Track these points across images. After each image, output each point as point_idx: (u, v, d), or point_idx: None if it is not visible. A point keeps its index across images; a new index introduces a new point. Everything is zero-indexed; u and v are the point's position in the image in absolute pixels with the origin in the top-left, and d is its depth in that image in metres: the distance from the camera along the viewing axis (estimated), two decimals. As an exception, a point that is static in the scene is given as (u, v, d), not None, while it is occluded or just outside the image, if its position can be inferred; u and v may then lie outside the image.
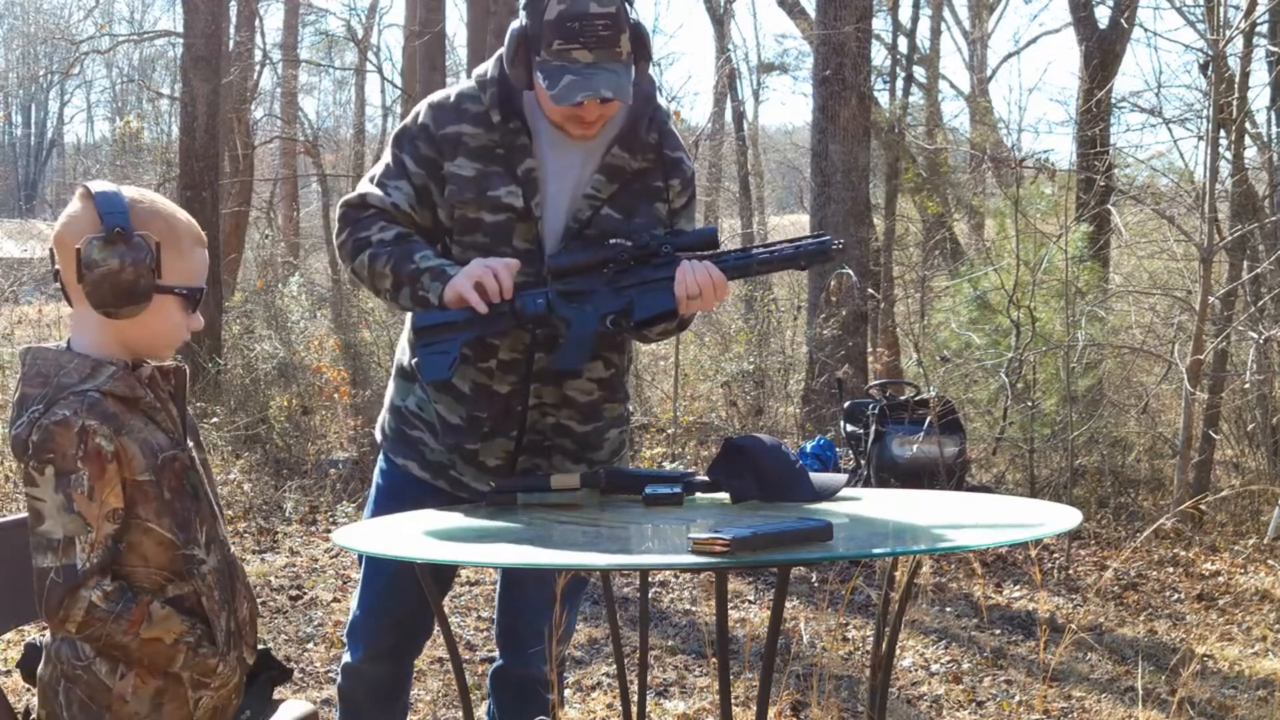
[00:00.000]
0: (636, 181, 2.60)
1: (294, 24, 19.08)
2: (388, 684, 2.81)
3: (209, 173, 9.13)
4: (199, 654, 2.00)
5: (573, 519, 2.35)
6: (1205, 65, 7.11)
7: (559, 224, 2.57)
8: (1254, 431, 8.26)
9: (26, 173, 42.17)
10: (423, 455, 2.69)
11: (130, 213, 1.96)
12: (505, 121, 2.55)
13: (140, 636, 1.94)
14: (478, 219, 2.56)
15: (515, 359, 2.59)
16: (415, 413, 2.69)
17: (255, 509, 7.27)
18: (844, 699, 4.36)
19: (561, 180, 2.57)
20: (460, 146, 2.56)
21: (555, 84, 2.42)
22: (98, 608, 1.91)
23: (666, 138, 2.63)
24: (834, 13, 9.85)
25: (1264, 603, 5.65)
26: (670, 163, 2.63)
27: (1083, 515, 2.95)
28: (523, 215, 2.55)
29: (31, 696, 2.13)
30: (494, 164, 2.55)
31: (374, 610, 2.75)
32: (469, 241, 2.57)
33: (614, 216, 2.58)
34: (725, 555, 1.91)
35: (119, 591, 1.93)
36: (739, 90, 19.58)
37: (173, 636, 1.97)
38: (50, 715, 2.01)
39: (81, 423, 1.91)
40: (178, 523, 2.00)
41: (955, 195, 13.28)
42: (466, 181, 2.55)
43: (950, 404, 7.46)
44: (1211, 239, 7.05)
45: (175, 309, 2.01)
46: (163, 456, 1.99)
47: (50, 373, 1.97)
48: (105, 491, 1.92)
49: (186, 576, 2.01)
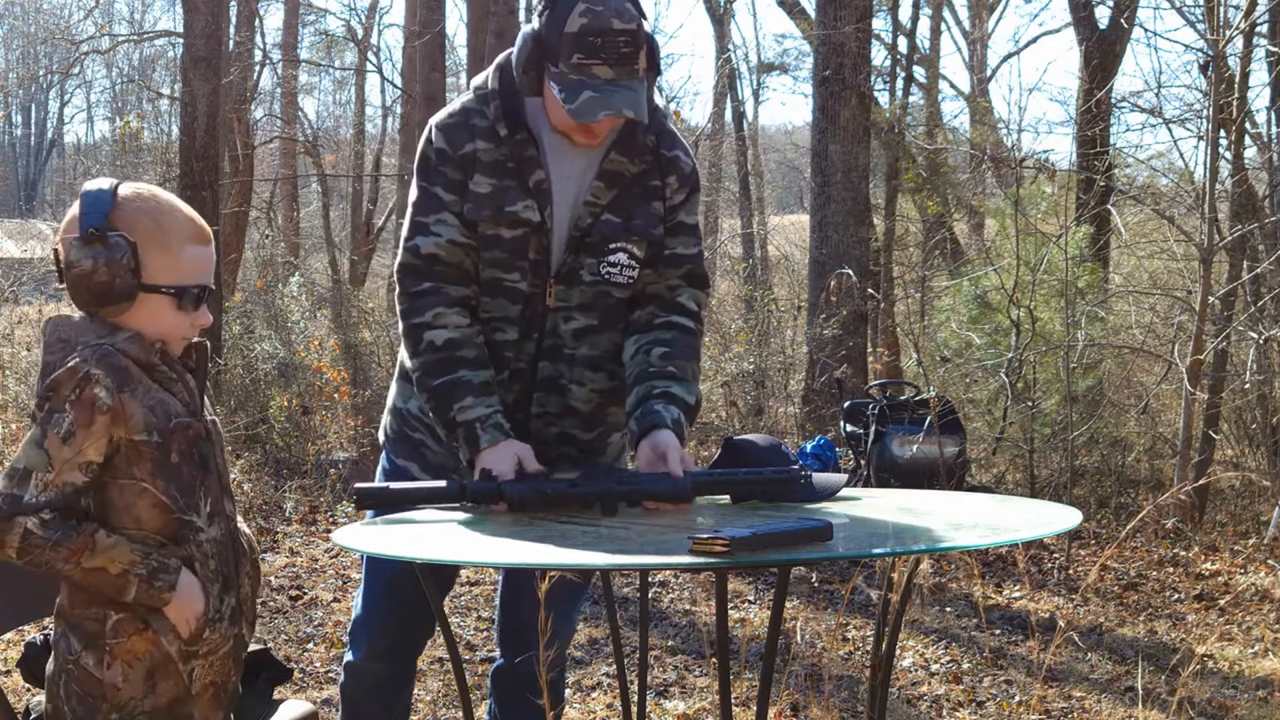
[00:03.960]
0: (635, 185, 2.60)
1: (294, 24, 19.08)
2: (389, 683, 2.81)
3: (209, 173, 9.13)
4: (154, 586, 1.95)
5: (573, 519, 2.35)
6: (1205, 65, 7.11)
7: (563, 233, 2.57)
8: (1254, 431, 8.27)
9: (27, 173, 42.19)
10: (424, 457, 2.69)
11: (114, 212, 1.96)
12: (513, 134, 2.53)
13: (82, 566, 1.91)
14: (496, 235, 2.54)
15: (520, 369, 2.59)
16: (417, 415, 2.68)
17: (255, 509, 7.27)
18: (844, 699, 4.36)
19: (564, 189, 2.56)
20: (476, 164, 2.53)
21: (574, 99, 2.40)
22: (33, 534, 1.89)
23: (664, 137, 2.63)
24: (834, 13, 9.85)
25: (1264, 603, 5.65)
26: (667, 161, 2.62)
27: (1083, 515, 2.95)
28: (538, 229, 2.54)
29: (31, 696, 2.14)
30: (507, 178, 2.53)
31: (375, 610, 2.75)
32: (490, 258, 2.55)
33: (613, 221, 2.57)
34: (725, 555, 1.91)
35: (59, 520, 1.90)
36: (739, 90, 19.62)
37: (119, 567, 1.93)
38: (55, 710, 2.01)
39: (87, 370, 1.91)
40: (179, 487, 1.99)
41: (955, 195, 13.28)
42: (483, 198, 2.53)
43: (950, 404, 7.46)
44: (1211, 239, 7.05)
45: (166, 308, 1.99)
46: (175, 421, 1.98)
47: (69, 336, 1.97)
48: (86, 441, 1.91)
49: (181, 542, 1.99)
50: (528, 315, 2.57)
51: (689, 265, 2.67)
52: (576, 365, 2.61)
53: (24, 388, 8.70)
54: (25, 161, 42.62)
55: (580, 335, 2.60)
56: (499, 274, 2.55)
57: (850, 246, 9.92)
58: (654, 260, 2.64)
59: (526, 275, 2.55)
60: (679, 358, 2.60)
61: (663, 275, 2.65)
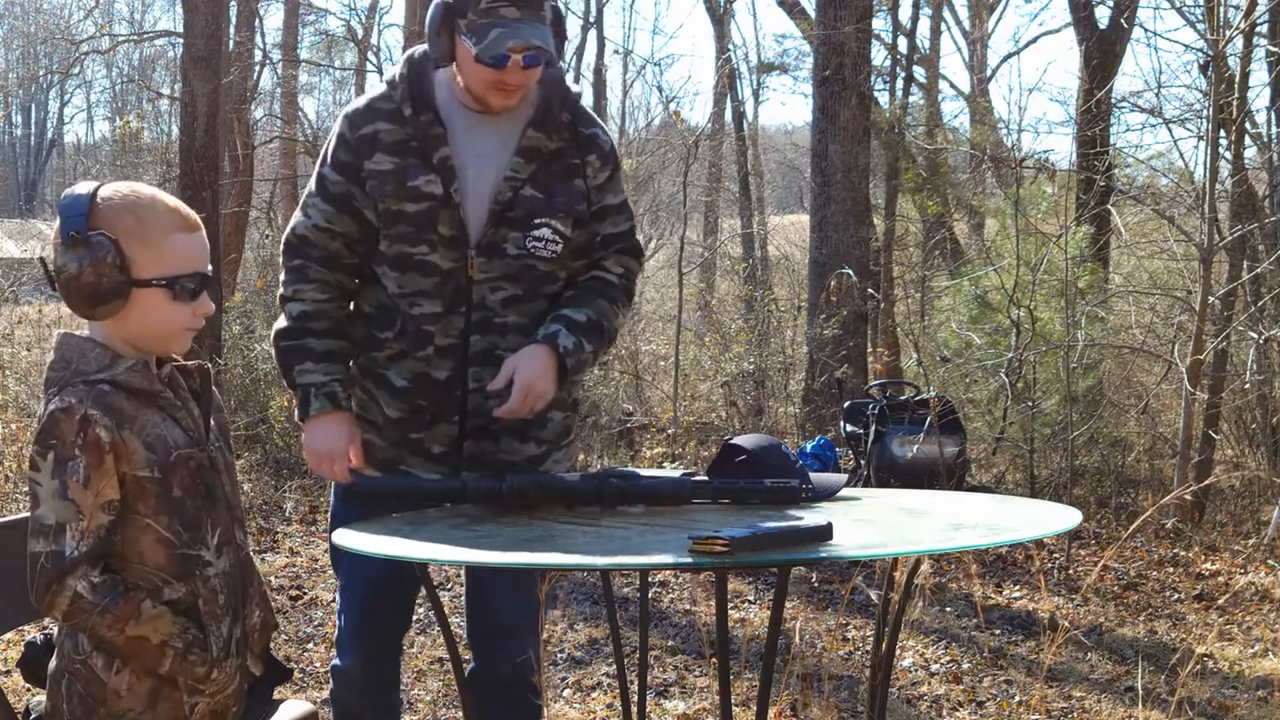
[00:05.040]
0: (554, 161, 2.67)
1: (294, 24, 19.05)
2: (378, 683, 2.84)
3: (209, 173, 9.12)
4: (188, 660, 1.97)
5: (573, 519, 2.35)
6: (1205, 65, 7.11)
7: (482, 209, 2.63)
8: (1254, 431, 8.27)
9: (27, 173, 42.19)
10: (374, 455, 2.73)
11: (94, 213, 1.95)
12: (417, 114, 2.63)
13: (125, 633, 1.93)
14: (400, 210, 2.62)
15: (451, 344, 2.64)
16: (360, 415, 2.73)
17: (255, 509, 7.27)
18: (844, 699, 4.36)
19: (481, 166, 2.63)
20: (377, 144, 2.63)
21: (483, 38, 2.50)
22: (83, 598, 1.90)
23: (580, 116, 2.70)
24: (834, 13, 9.85)
25: (1264, 602, 5.65)
26: (585, 139, 2.70)
27: (1083, 515, 2.95)
28: (444, 202, 2.61)
29: (31, 696, 2.14)
30: (410, 156, 2.62)
31: (357, 618, 2.79)
32: (395, 234, 2.64)
33: (536, 196, 2.64)
34: (725, 555, 1.91)
35: (109, 585, 1.91)
36: (739, 90, 19.59)
37: (160, 638, 1.95)
38: (55, 708, 2.01)
39: (84, 411, 1.91)
40: (183, 522, 1.98)
41: (955, 195, 13.28)
42: (386, 175, 2.62)
43: (950, 404, 7.46)
44: (1211, 239, 7.05)
45: (161, 300, 1.98)
46: (175, 454, 1.98)
47: (71, 358, 1.97)
48: (101, 482, 1.92)
49: (184, 578, 1.99)
50: (451, 289, 2.63)
51: (619, 244, 2.77)
52: (509, 334, 2.65)
53: (24, 388, 8.70)
54: (25, 161, 42.61)
55: (509, 304, 2.65)
56: (406, 248, 2.63)
57: (850, 246, 9.92)
58: (586, 247, 2.72)
59: (437, 248, 2.62)
60: (582, 292, 2.71)
61: (594, 258, 2.74)
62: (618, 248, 2.76)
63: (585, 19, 17.31)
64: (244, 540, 2.11)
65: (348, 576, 2.81)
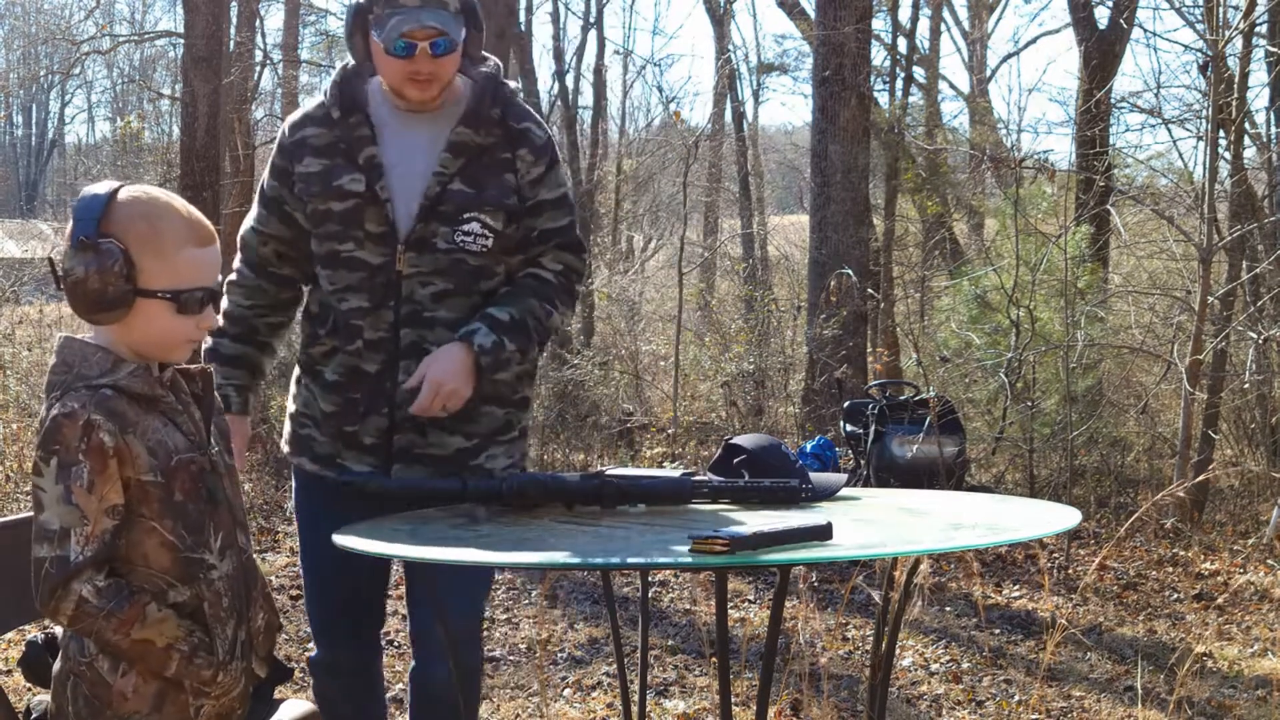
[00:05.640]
0: (484, 155, 2.68)
1: (294, 24, 19.05)
2: (355, 671, 2.84)
3: (210, 173, 9.12)
4: (194, 663, 1.97)
5: (573, 519, 2.35)
6: (1205, 65, 7.11)
7: (412, 205, 2.65)
8: (1253, 431, 8.28)
9: (27, 173, 42.18)
10: (313, 450, 2.77)
11: (108, 217, 1.94)
12: (345, 117, 2.67)
13: (131, 637, 1.93)
14: (328, 210, 2.67)
15: (382, 338, 2.66)
16: (303, 411, 2.79)
17: (255, 509, 7.28)
18: (844, 699, 4.36)
19: (410, 164, 2.66)
20: (306, 148, 2.69)
21: (384, 28, 2.55)
22: (88, 602, 1.90)
23: (511, 110, 2.71)
24: (834, 13, 9.86)
25: (1262, 602, 5.65)
26: (516, 134, 2.70)
27: (1082, 515, 2.96)
28: (369, 199, 2.64)
29: (32, 696, 2.14)
30: (337, 157, 2.67)
31: (316, 600, 2.85)
32: (323, 233, 2.69)
33: (465, 191, 2.66)
34: (725, 555, 1.91)
35: (114, 589, 1.91)
36: (739, 90, 19.60)
37: (165, 641, 1.95)
38: (59, 709, 2.02)
39: (87, 416, 1.91)
40: (186, 526, 1.98)
41: (955, 195, 13.29)
42: (312, 177, 2.68)
43: (950, 404, 7.47)
44: (1211, 239, 7.05)
45: (164, 312, 1.97)
46: (177, 459, 1.98)
47: (73, 362, 1.97)
48: (106, 487, 1.91)
49: (189, 581, 1.99)
50: (380, 283, 2.65)
51: (557, 238, 2.76)
52: (438, 328, 2.66)
53: (24, 388, 8.70)
54: (26, 162, 42.60)
55: (438, 299, 2.66)
56: (334, 246, 2.68)
57: (850, 247, 9.92)
58: (522, 242, 2.72)
59: (364, 244, 2.65)
60: (513, 290, 2.71)
61: (531, 254, 2.74)
62: (556, 243, 2.75)
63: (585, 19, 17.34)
64: (246, 543, 2.11)
65: (302, 564, 2.90)
